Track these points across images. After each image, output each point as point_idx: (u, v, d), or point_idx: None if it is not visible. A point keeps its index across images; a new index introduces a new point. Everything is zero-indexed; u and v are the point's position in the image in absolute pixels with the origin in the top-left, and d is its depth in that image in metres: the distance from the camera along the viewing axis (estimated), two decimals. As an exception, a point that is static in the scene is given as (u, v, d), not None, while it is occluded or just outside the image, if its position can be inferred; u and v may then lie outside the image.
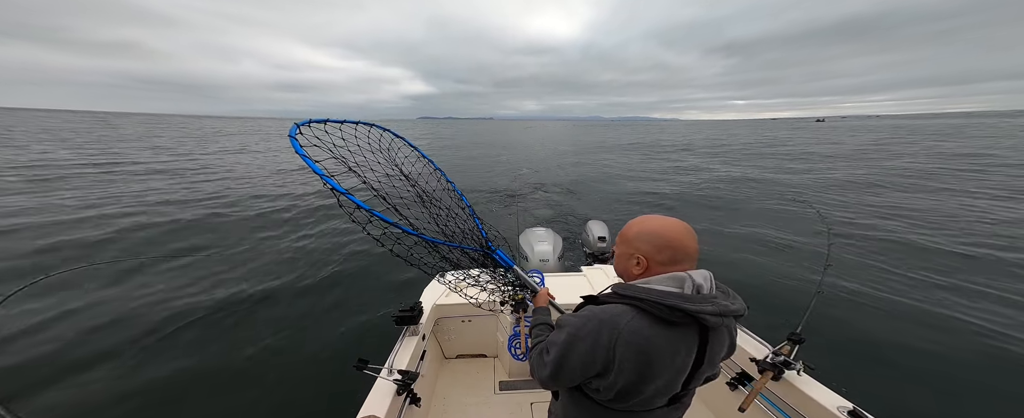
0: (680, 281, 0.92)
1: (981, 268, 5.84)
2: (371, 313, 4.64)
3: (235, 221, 8.55)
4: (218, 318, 4.43)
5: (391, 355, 2.12)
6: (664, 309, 0.88)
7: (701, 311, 0.86)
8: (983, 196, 10.75)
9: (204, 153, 22.21)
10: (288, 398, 3.27)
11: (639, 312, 0.91)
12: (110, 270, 5.31)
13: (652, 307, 0.89)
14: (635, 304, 0.92)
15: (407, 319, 2.31)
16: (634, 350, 0.89)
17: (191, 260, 6.09)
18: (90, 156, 18.25)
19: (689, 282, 0.91)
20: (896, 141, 32.17)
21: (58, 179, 12.32)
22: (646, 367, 0.90)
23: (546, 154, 27.29)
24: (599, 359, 0.92)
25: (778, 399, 1.97)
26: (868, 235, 7.60)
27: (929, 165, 17.09)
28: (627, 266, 1.03)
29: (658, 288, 0.92)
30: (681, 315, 0.87)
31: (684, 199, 12.14)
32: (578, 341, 0.95)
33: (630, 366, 0.90)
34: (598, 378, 0.96)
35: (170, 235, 7.47)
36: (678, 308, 0.87)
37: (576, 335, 0.96)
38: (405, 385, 1.88)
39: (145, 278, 5.36)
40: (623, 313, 0.92)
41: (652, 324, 0.90)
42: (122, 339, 3.93)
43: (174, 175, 14.16)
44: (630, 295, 0.93)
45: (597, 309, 0.97)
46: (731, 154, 25.41)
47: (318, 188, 13.93)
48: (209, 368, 3.57)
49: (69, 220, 7.81)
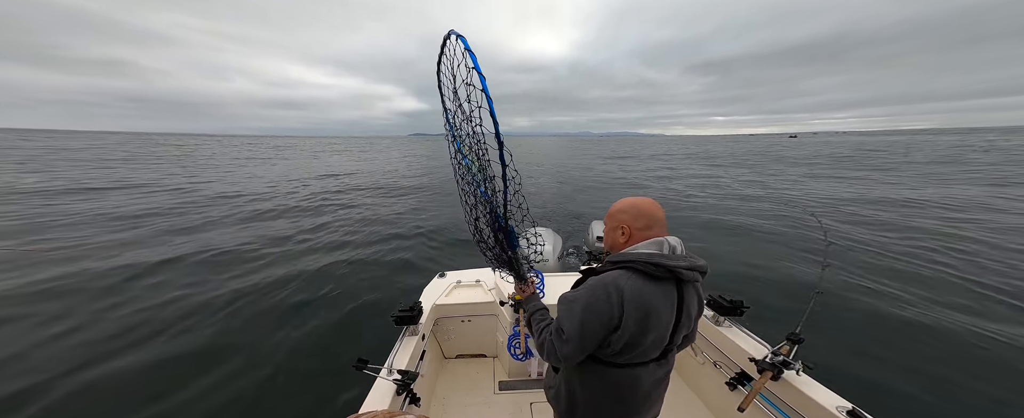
0: (659, 244, 1.13)
1: (983, 269, 5.86)
2: (371, 313, 4.63)
3: (235, 220, 8.55)
4: (218, 318, 4.42)
5: (391, 355, 2.12)
6: (651, 267, 1.08)
7: (677, 266, 1.08)
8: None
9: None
10: (288, 398, 3.26)
11: (633, 273, 1.10)
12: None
13: (643, 266, 1.08)
14: (628, 266, 1.11)
15: (407, 319, 2.31)
16: (635, 304, 1.07)
17: (194, 261, 6.08)
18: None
19: (666, 244, 1.13)
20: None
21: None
22: (646, 317, 1.09)
23: (549, 167, 27.31)
24: (616, 316, 1.08)
25: (777, 399, 1.97)
26: (864, 235, 7.61)
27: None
28: (615, 238, 1.23)
29: (643, 251, 1.12)
30: (664, 271, 1.08)
31: (684, 201, 12.15)
32: (594, 305, 1.10)
33: (634, 319, 1.08)
34: (613, 333, 1.11)
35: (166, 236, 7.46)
36: (661, 265, 1.07)
37: (591, 302, 1.10)
38: (405, 385, 1.87)
39: (150, 280, 5.36)
40: (621, 275, 1.11)
41: (645, 281, 1.09)
42: (121, 337, 3.93)
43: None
44: (623, 260, 1.13)
45: (598, 278, 1.15)
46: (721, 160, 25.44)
47: (318, 187, 13.97)
48: (209, 368, 3.56)
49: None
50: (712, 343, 2.53)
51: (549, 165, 21.42)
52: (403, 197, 13.14)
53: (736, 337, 2.35)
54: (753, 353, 2.15)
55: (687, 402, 2.60)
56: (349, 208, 10.88)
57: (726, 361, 2.41)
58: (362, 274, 5.89)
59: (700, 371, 2.66)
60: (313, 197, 12.45)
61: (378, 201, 12.22)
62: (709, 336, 2.56)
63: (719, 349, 2.47)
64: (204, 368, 3.55)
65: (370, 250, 7.02)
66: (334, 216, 9.81)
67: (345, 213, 10.22)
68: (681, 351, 1.36)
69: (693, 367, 2.73)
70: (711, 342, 2.54)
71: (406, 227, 8.80)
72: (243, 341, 3.99)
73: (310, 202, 11.66)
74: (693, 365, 2.73)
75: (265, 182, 15.96)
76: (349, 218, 9.58)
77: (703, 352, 2.65)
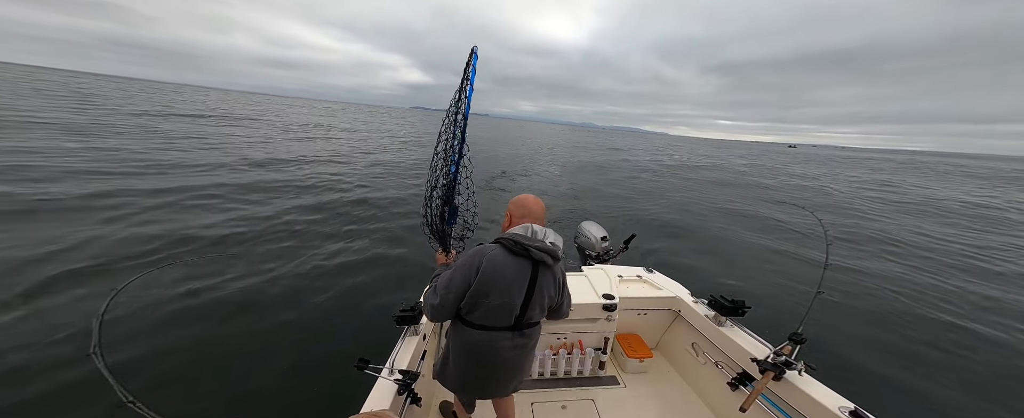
0: (526, 229, 1.46)
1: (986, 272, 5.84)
2: (372, 313, 4.63)
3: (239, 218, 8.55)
4: (218, 318, 4.42)
5: (392, 355, 2.12)
6: (511, 243, 1.42)
7: (530, 245, 1.40)
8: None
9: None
10: (287, 397, 3.26)
11: (501, 247, 1.44)
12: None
13: (507, 242, 1.43)
14: (499, 242, 1.46)
15: (408, 319, 2.31)
16: (490, 267, 1.40)
17: (194, 258, 6.08)
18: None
19: (531, 229, 1.46)
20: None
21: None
22: (494, 276, 1.39)
23: (551, 157, 27.31)
24: (473, 276, 1.40)
25: (779, 399, 1.97)
26: (866, 236, 7.60)
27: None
28: (504, 222, 1.64)
29: (513, 232, 1.46)
30: (520, 248, 1.40)
31: (685, 203, 12.13)
32: (463, 266, 1.44)
33: (482, 280, 1.39)
34: (468, 289, 1.41)
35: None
36: (519, 243, 1.40)
37: (463, 263, 1.45)
38: (406, 385, 1.87)
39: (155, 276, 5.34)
40: (490, 248, 1.46)
41: (505, 254, 1.42)
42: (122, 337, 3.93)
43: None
44: (499, 238, 1.48)
45: (476, 247, 1.49)
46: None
47: (318, 188, 13.90)
48: (208, 367, 3.56)
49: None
50: (714, 343, 2.53)
51: (552, 166, 21.36)
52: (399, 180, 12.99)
53: (738, 337, 2.35)
54: (755, 353, 2.14)
55: (689, 402, 2.60)
56: (344, 196, 10.88)
57: (728, 361, 2.41)
58: (362, 274, 5.89)
59: (702, 371, 2.65)
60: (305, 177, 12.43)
61: (387, 184, 12.14)
62: (711, 336, 2.56)
63: (721, 349, 2.47)
64: (204, 367, 3.55)
65: (371, 244, 7.02)
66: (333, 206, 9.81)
67: (342, 204, 10.21)
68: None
69: (695, 367, 2.73)
70: (713, 342, 2.54)
71: (404, 222, 8.80)
72: (243, 340, 4.00)
73: (318, 197, 11.65)
74: (695, 365, 2.73)
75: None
76: (348, 211, 9.58)
77: (705, 352, 2.65)
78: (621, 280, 3.09)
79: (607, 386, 2.73)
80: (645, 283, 3.14)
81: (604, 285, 2.83)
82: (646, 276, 3.22)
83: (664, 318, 3.06)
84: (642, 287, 3.08)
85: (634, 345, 2.91)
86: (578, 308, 2.60)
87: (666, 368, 2.96)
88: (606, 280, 2.94)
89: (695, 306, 2.75)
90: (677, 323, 3.00)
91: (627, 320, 3.01)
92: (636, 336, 3.02)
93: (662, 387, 2.75)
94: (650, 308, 2.99)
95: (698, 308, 2.71)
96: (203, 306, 4.66)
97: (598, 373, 2.81)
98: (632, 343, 2.93)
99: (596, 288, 2.77)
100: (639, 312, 2.99)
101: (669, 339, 3.08)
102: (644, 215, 10.21)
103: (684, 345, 2.86)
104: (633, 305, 2.93)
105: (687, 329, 2.84)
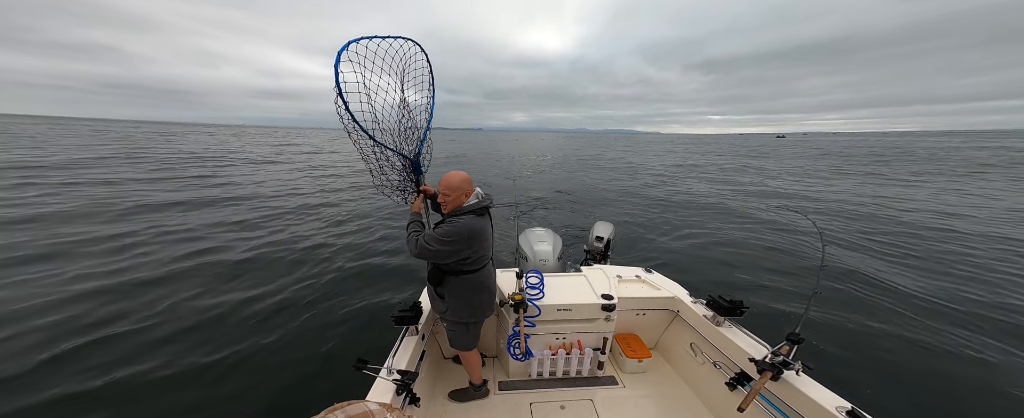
0: (479, 196, 2.10)
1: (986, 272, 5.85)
2: (371, 313, 4.63)
3: (235, 222, 8.55)
4: (217, 317, 4.42)
5: (390, 355, 2.13)
6: (478, 208, 2.04)
7: (484, 204, 2.08)
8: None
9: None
10: (287, 397, 3.26)
11: (471, 214, 2.01)
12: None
13: (475, 209, 2.03)
14: (470, 211, 2.02)
15: (406, 319, 2.32)
16: (478, 234, 2.02)
17: (192, 264, 6.09)
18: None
19: (480, 193, 2.11)
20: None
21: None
22: (479, 235, 2.03)
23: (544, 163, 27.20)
24: (463, 242, 1.96)
25: (777, 399, 1.97)
26: (860, 237, 7.62)
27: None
28: (458, 199, 2.02)
29: (473, 201, 2.05)
30: (482, 209, 2.06)
31: (684, 205, 12.15)
32: (453, 236, 1.94)
33: (477, 241, 2.03)
34: (468, 250, 2.02)
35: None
36: (481, 205, 2.06)
37: (453, 233, 1.93)
38: (404, 385, 1.88)
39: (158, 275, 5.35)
40: (466, 217, 1.99)
41: (476, 217, 2.02)
42: (121, 334, 3.93)
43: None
44: (467, 209, 2.02)
45: (458, 219, 1.97)
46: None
47: (317, 188, 13.95)
48: (208, 367, 3.57)
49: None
50: (712, 343, 2.53)
51: (553, 166, 21.36)
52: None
53: (736, 337, 2.35)
54: (753, 353, 2.15)
55: (687, 402, 2.60)
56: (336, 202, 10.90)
57: (726, 361, 2.41)
58: (362, 273, 5.89)
59: (700, 371, 2.66)
60: (321, 190, 12.45)
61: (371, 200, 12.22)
62: (709, 336, 2.56)
63: (719, 349, 2.47)
64: (203, 366, 3.56)
65: (371, 244, 7.02)
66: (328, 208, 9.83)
67: (332, 208, 10.23)
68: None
69: (693, 367, 2.74)
70: (711, 342, 2.54)
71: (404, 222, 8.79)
72: (242, 340, 4.00)
73: (318, 197, 11.66)
74: (693, 365, 2.74)
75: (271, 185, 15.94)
76: (340, 212, 9.60)
77: (703, 352, 2.65)
78: (620, 280, 3.09)
79: (606, 386, 2.73)
80: (644, 283, 3.14)
81: (603, 285, 2.84)
82: (645, 276, 3.23)
83: (663, 318, 3.07)
84: (641, 287, 3.08)
85: (633, 345, 2.91)
86: (577, 308, 2.61)
87: (665, 368, 2.97)
88: (605, 280, 2.94)
89: (693, 306, 2.76)
90: (676, 323, 3.01)
91: (626, 320, 3.01)
92: (635, 336, 3.03)
93: (661, 387, 2.75)
94: (649, 308, 2.99)
95: (696, 308, 2.72)
96: (201, 306, 4.66)
97: (597, 373, 2.81)
98: (631, 343, 2.93)
99: (595, 288, 2.77)
100: (638, 312, 3.00)
101: (668, 339, 3.08)
102: (644, 215, 10.22)
103: (683, 345, 2.87)
104: (632, 305, 2.94)
105: (685, 329, 2.85)
